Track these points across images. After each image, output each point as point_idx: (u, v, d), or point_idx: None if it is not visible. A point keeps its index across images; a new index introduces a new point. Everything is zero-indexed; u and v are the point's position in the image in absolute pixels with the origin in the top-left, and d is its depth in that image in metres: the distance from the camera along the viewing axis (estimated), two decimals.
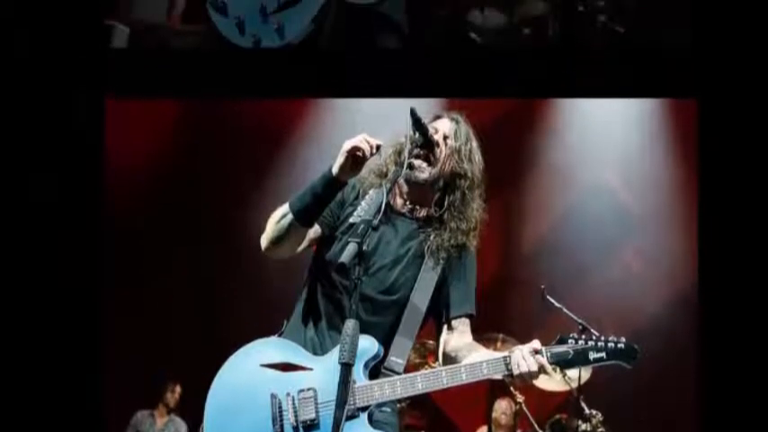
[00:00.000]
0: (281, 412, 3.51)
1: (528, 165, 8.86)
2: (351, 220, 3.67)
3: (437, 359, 3.85)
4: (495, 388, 7.65)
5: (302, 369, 3.57)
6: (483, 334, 6.50)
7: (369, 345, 3.51)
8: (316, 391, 3.51)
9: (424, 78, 5.08)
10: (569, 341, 3.53)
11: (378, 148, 3.52)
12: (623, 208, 8.88)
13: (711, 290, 4.35)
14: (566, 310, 6.65)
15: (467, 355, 3.62)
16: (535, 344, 3.51)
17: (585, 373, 6.92)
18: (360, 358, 3.42)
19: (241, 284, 8.61)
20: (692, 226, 4.65)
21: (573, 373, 6.80)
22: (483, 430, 7.97)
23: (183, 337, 8.64)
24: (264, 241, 3.67)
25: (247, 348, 3.65)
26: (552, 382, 7.14)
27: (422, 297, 3.67)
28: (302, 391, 3.52)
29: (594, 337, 3.54)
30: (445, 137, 3.75)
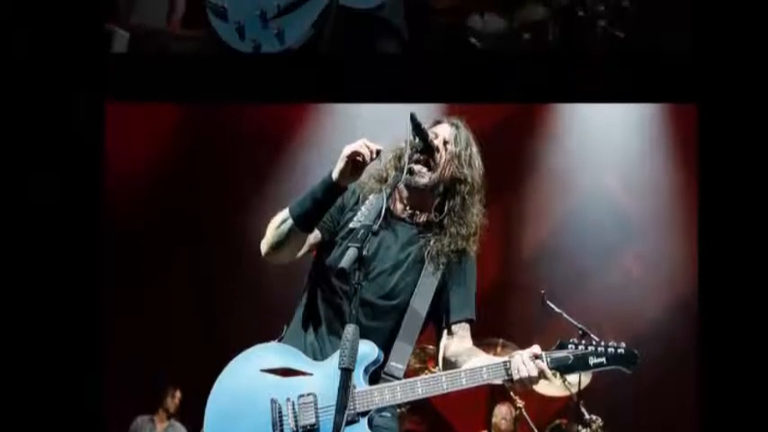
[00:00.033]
0: (281, 417, 3.51)
1: (528, 170, 8.84)
2: (351, 225, 3.67)
3: (437, 364, 3.84)
4: (495, 393, 7.64)
5: (302, 374, 3.56)
6: (483, 339, 6.50)
7: (369, 350, 3.51)
8: (316, 397, 3.51)
9: (423, 83, 5.08)
10: (569, 346, 3.53)
11: (378, 153, 3.51)
12: (623, 213, 8.86)
13: (711, 295, 4.35)
14: (566, 315, 6.64)
15: (467, 360, 3.62)
16: (535, 349, 3.51)
17: (585, 379, 6.91)
18: (360, 363, 3.41)
19: (241, 289, 8.59)
20: (692, 231, 4.65)
21: (573, 379, 6.77)
22: None
23: (183, 343, 8.61)
24: (264, 246, 3.67)
25: (247, 353, 3.65)
26: (552, 387, 7.13)
27: (422, 302, 3.67)
28: (302, 397, 3.51)
29: (594, 343, 3.54)
30: (445, 142, 3.75)
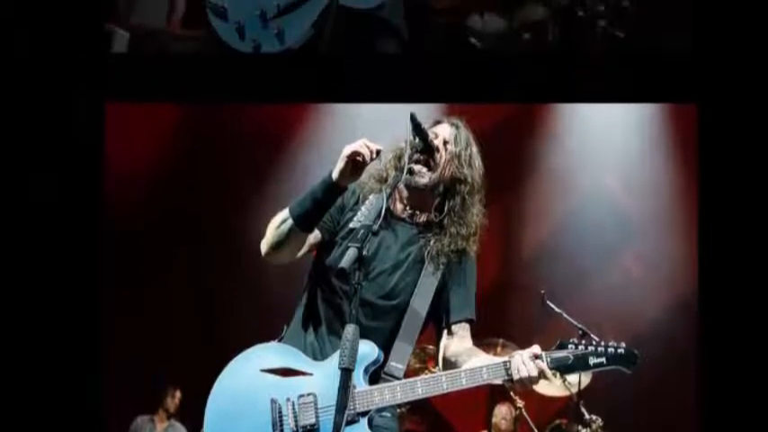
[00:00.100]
0: (281, 417, 3.51)
1: (528, 170, 8.83)
2: (351, 225, 3.67)
3: (437, 364, 3.84)
4: (495, 393, 7.64)
5: (302, 374, 3.56)
6: (483, 339, 6.50)
7: (369, 350, 3.51)
8: (316, 396, 3.50)
9: (423, 83, 5.08)
10: (569, 346, 3.53)
11: (378, 153, 3.51)
12: (623, 213, 8.86)
13: (711, 295, 4.35)
14: (566, 315, 6.63)
15: (467, 360, 3.62)
16: (535, 349, 3.50)
17: (585, 379, 6.91)
18: (360, 363, 3.41)
19: (241, 289, 8.59)
20: (692, 231, 4.65)
21: (573, 379, 6.77)
22: None
23: (183, 343, 8.61)
24: (264, 246, 3.67)
25: (247, 353, 3.65)
26: (552, 387, 7.13)
27: (422, 302, 3.67)
28: (302, 397, 3.51)
29: (594, 343, 3.54)
30: (445, 142, 3.75)
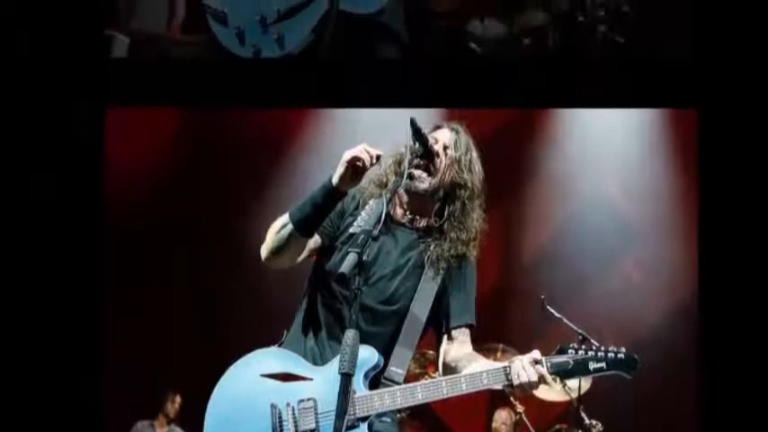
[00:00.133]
0: (281, 422, 3.50)
1: (528, 175, 8.83)
2: (351, 230, 3.66)
3: (437, 369, 3.84)
4: (495, 398, 7.64)
5: (302, 379, 3.56)
6: (483, 344, 6.49)
7: (369, 355, 3.51)
8: (316, 402, 3.50)
9: (423, 88, 5.09)
10: (569, 351, 3.52)
11: (378, 158, 3.51)
12: (623, 218, 8.85)
13: (711, 300, 4.35)
14: (566, 320, 6.64)
15: (467, 365, 3.62)
16: (535, 354, 3.50)
17: (585, 384, 6.90)
18: (360, 368, 3.41)
19: (241, 294, 8.58)
20: (693, 236, 4.66)
21: (573, 384, 6.78)
22: None
23: (183, 348, 8.61)
24: (264, 251, 3.67)
25: (247, 358, 3.65)
26: (552, 392, 7.12)
27: (422, 307, 3.66)
28: (302, 402, 3.51)
29: (594, 348, 3.53)
30: (445, 147, 3.75)
